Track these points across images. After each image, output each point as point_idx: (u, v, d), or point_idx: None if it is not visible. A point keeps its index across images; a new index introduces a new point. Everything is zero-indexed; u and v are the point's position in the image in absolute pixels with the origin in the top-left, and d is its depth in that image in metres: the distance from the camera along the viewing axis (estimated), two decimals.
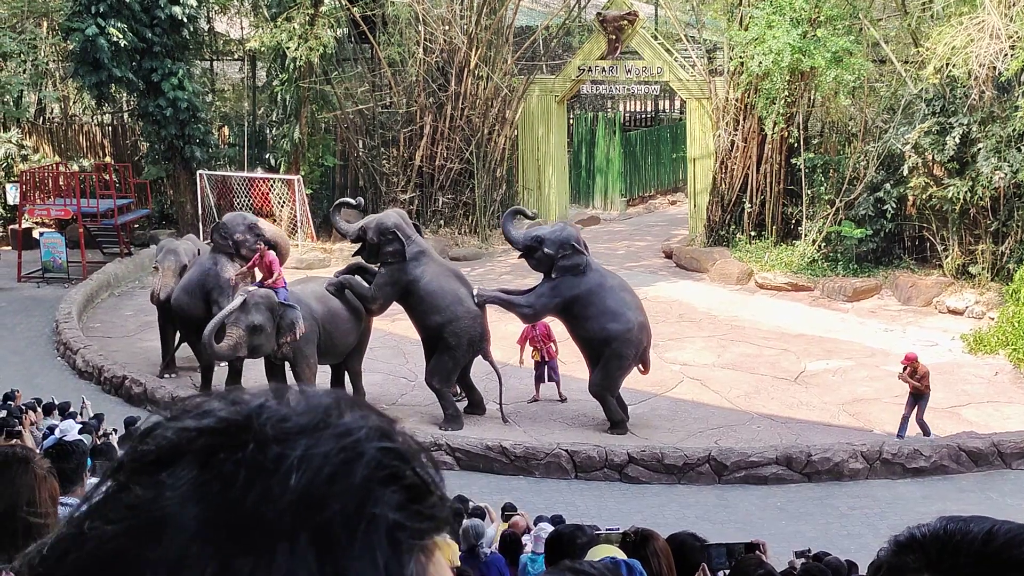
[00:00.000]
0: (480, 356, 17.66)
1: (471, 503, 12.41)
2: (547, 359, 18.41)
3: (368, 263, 18.22)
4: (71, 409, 15.00)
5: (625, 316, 16.96)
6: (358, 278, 18.00)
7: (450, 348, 17.25)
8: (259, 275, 17.89)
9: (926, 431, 17.09)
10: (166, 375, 20.43)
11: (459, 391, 18.19)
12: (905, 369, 17.10)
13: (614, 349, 16.88)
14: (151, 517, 0.89)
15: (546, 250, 17.07)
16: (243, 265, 18.86)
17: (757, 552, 6.20)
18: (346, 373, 18.25)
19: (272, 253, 17.97)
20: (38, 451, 9.69)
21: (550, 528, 10.42)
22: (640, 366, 17.35)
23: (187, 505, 0.89)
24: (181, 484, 0.90)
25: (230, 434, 0.92)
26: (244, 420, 0.94)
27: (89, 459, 8.64)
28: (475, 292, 17.55)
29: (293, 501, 0.89)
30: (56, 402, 15.07)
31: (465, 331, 17.23)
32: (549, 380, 18.61)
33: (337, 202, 19.73)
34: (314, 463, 0.91)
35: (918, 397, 17.04)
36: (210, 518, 0.88)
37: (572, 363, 19.40)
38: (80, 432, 12.53)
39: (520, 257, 17.92)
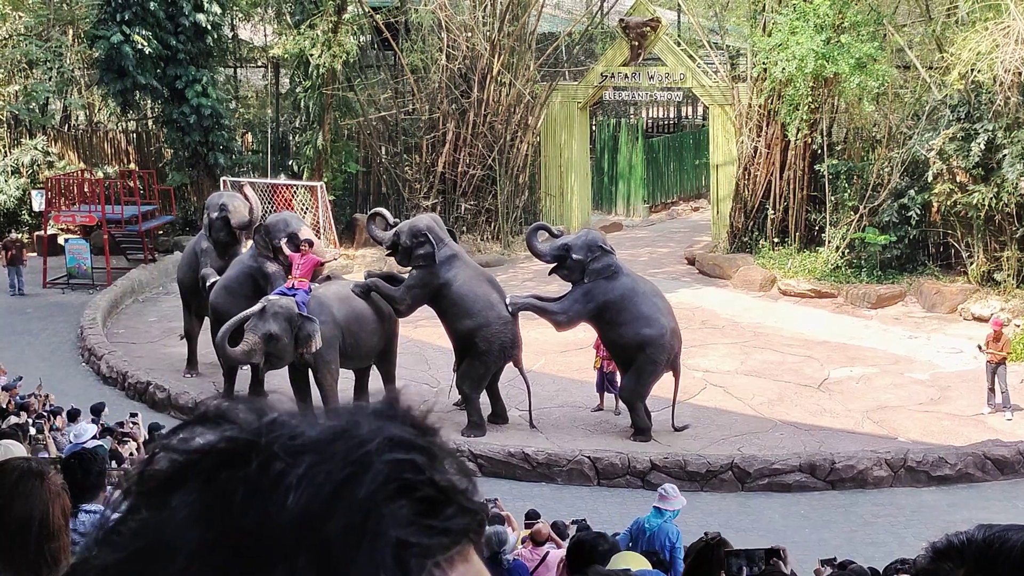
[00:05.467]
0: (511, 363, 17.61)
1: (492, 510, 12.40)
2: (606, 370, 18.32)
3: (401, 265, 18.26)
4: (103, 412, 15.13)
5: (659, 322, 16.92)
6: (385, 282, 18.02)
7: (481, 353, 17.21)
8: (295, 270, 17.75)
9: (1006, 401, 17.83)
10: (187, 375, 20.52)
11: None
12: (987, 339, 17.90)
13: (648, 355, 16.83)
14: (153, 542, 0.88)
15: (575, 256, 17.04)
16: (284, 267, 18.69)
17: (776, 559, 6.16)
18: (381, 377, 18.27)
19: (316, 257, 18.06)
20: (61, 455, 9.75)
21: (672, 489, 10.81)
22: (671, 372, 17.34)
23: (188, 528, 0.87)
24: (184, 507, 0.88)
25: (236, 453, 0.90)
26: (252, 437, 0.91)
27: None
28: (508, 299, 17.51)
29: (292, 520, 0.85)
30: (80, 409, 15.15)
31: (496, 337, 17.18)
32: (601, 391, 18.56)
33: (372, 212, 19.72)
34: (316, 480, 0.87)
35: (998, 365, 17.70)
36: (209, 540, 0.86)
37: (586, 370, 19.36)
38: (101, 435, 12.65)
39: (551, 272, 17.84)
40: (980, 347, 18.15)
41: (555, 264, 17.46)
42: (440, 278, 17.30)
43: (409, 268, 17.90)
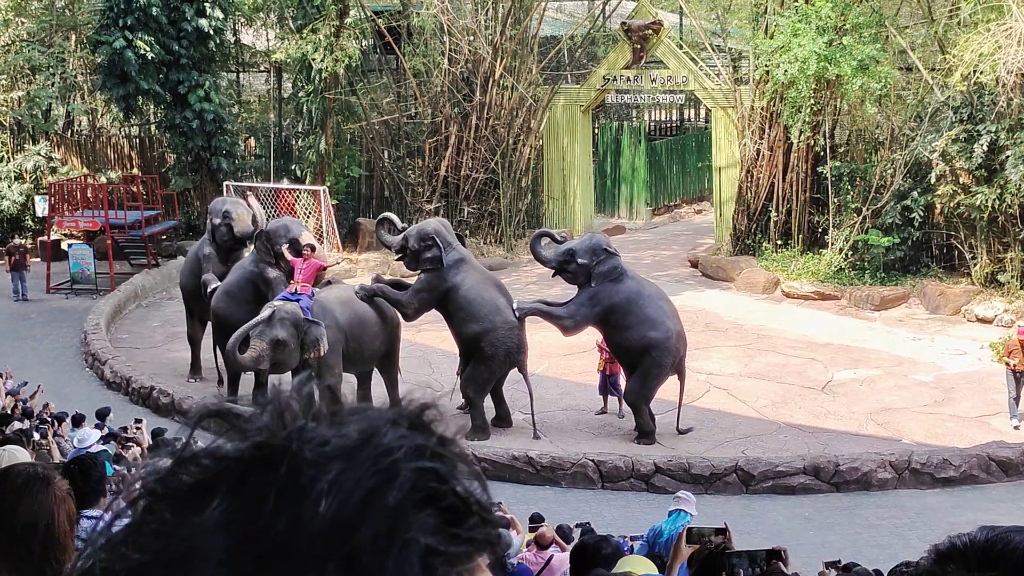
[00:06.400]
0: (516, 368, 17.59)
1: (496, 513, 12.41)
2: (609, 373, 18.32)
3: (409, 269, 18.28)
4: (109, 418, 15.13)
5: (664, 325, 16.91)
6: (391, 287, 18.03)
7: (487, 358, 17.19)
8: (298, 275, 17.76)
9: (1013, 409, 17.68)
10: (191, 380, 20.52)
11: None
12: (1009, 348, 17.71)
13: (654, 358, 16.82)
14: (181, 545, 0.88)
15: (580, 260, 17.03)
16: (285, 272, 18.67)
17: (777, 560, 6.15)
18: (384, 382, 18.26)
19: (318, 261, 18.09)
20: (64, 459, 9.75)
21: (689, 496, 10.72)
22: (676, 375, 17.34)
23: (217, 532, 0.87)
24: (214, 512, 0.88)
25: (265, 459, 0.90)
26: (282, 443, 0.91)
27: (109, 467, 8.70)
28: (515, 304, 17.49)
29: (323, 528, 0.86)
30: (84, 414, 15.15)
31: (502, 341, 17.15)
32: (604, 394, 18.55)
33: (380, 217, 19.73)
34: (346, 487, 0.88)
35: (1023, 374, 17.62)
36: (239, 545, 0.86)
37: (590, 373, 19.35)
38: (105, 440, 12.65)
39: (554, 275, 17.82)
40: (1008, 364, 17.72)
41: (560, 269, 17.45)
42: (448, 282, 17.29)
43: (417, 272, 17.91)
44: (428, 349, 20.95)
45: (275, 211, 27.55)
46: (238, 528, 0.87)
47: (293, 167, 31.03)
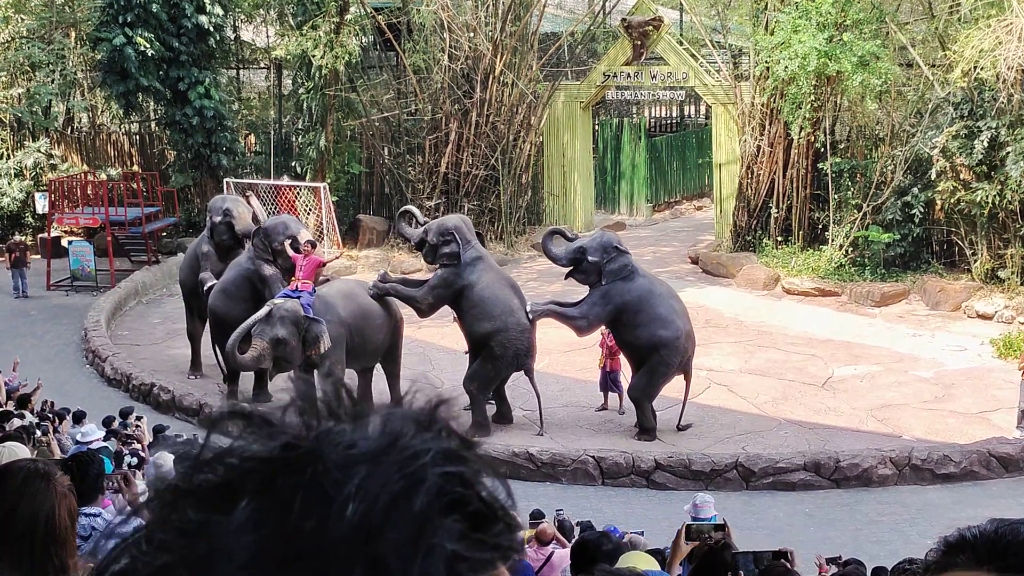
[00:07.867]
0: (523, 371, 17.57)
1: None
2: (609, 369, 18.31)
3: (427, 262, 18.30)
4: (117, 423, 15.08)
5: (674, 324, 16.90)
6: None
7: (495, 357, 17.16)
8: (299, 271, 17.76)
9: (1020, 418, 17.45)
10: (191, 376, 20.50)
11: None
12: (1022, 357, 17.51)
13: (662, 356, 16.82)
14: (207, 546, 0.87)
15: (591, 258, 17.01)
16: (283, 269, 18.68)
17: (783, 560, 6.16)
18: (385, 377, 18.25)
19: (318, 258, 18.10)
20: (64, 456, 9.74)
21: (707, 498, 10.65)
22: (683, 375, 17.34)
23: (243, 533, 0.87)
24: (240, 512, 0.88)
25: (292, 461, 0.90)
26: (309, 446, 0.91)
27: (108, 463, 8.69)
28: (528, 307, 17.47)
29: (349, 531, 0.86)
30: (85, 411, 15.13)
31: (512, 343, 17.12)
32: (605, 390, 18.56)
33: (402, 209, 19.74)
34: (372, 491, 0.87)
35: None
36: (265, 547, 0.86)
37: (590, 369, 19.34)
38: (105, 438, 12.63)
39: (567, 276, 17.78)
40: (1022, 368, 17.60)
41: (571, 267, 17.43)
42: (463, 279, 17.26)
43: (435, 266, 17.91)
44: (428, 346, 20.94)
45: (275, 208, 27.53)
46: (264, 529, 0.87)
47: (293, 164, 31.02)
